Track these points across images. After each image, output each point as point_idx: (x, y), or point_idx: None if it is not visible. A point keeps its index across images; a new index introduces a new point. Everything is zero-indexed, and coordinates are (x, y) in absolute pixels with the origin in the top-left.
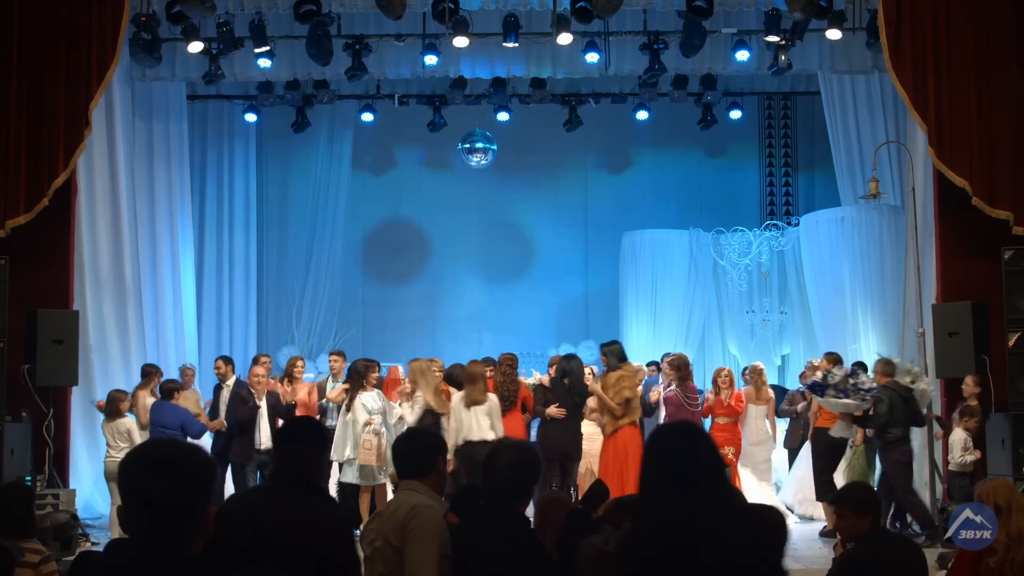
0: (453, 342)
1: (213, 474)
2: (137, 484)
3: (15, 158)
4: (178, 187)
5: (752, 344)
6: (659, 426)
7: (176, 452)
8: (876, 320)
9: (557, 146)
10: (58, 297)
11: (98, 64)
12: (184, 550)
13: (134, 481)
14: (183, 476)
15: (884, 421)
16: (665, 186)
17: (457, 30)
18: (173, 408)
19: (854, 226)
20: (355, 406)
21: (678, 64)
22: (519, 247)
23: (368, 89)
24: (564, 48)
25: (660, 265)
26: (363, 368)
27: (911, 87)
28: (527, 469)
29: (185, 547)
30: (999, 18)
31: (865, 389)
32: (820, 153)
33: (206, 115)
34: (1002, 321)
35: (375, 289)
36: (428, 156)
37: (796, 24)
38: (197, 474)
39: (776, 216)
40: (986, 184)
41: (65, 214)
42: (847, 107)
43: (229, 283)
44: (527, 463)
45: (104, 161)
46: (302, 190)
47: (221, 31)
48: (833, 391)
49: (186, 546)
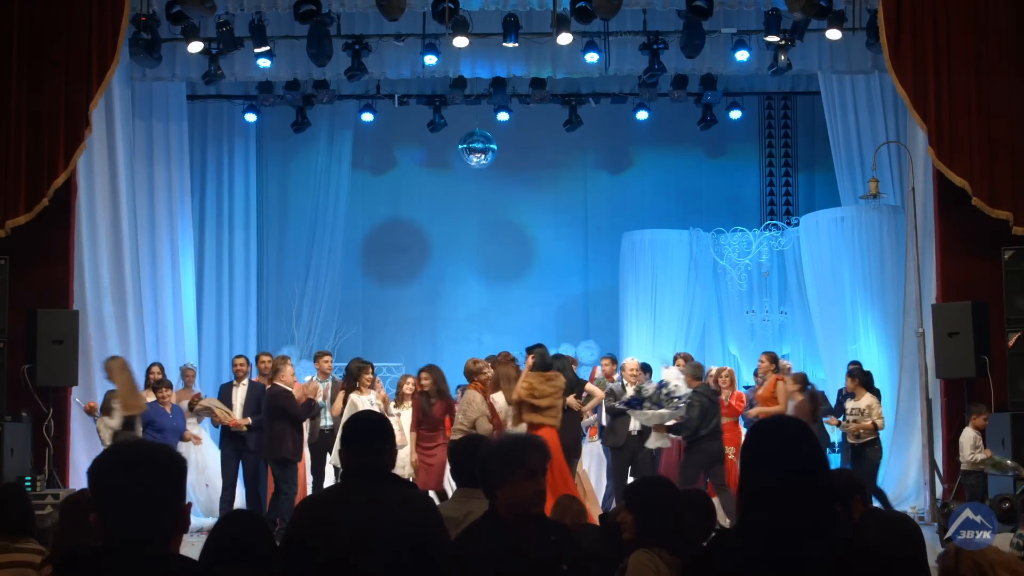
0: (453, 342)
1: (184, 470)
2: (111, 484)
3: (15, 158)
4: (178, 187)
5: (752, 344)
6: (761, 422)
7: (145, 451)
8: (876, 320)
9: (557, 146)
10: (58, 297)
11: (98, 64)
12: (165, 546)
13: (108, 482)
14: (156, 473)
15: (696, 426)
16: (665, 186)
17: (457, 30)
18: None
19: (854, 226)
20: (351, 408)
21: (678, 64)
22: (519, 247)
23: (368, 89)
24: (564, 48)
25: (660, 265)
26: (356, 369)
27: (911, 87)
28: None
29: (166, 543)
30: (999, 18)
31: (677, 396)
32: (820, 153)
33: (206, 115)
34: (1002, 321)
35: (375, 289)
36: (428, 156)
37: (796, 24)
38: (169, 470)
39: (776, 216)
40: (986, 184)
41: (65, 214)
42: (847, 107)
43: (229, 283)
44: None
45: (104, 161)
46: (302, 190)
47: (221, 31)
48: (649, 404)
49: (166, 542)
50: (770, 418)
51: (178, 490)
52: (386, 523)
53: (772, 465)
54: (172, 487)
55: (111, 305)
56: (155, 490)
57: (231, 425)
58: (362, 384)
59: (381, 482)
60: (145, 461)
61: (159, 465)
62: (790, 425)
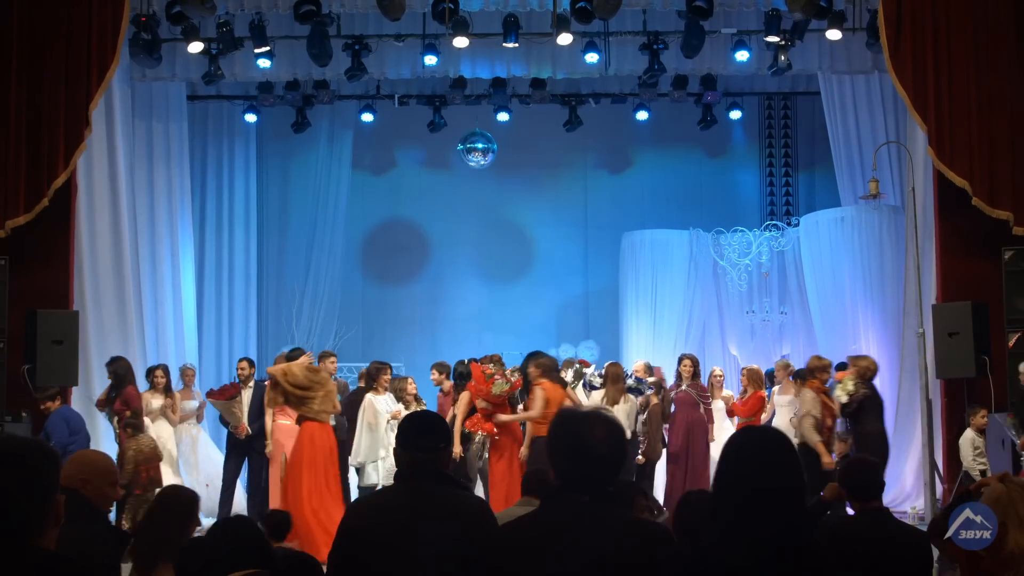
0: (453, 342)
1: (51, 465)
2: None
3: (15, 158)
4: (178, 187)
5: (752, 344)
6: (744, 430)
7: (10, 446)
8: (876, 320)
9: (557, 146)
10: (58, 297)
11: (98, 64)
12: (29, 541)
13: None
14: (17, 468)
15: None
16: (665, 186)
17: (457, 30)
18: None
19: (854, 226)
20: (370, 408)
21: (678, 64)
22: (519, 247)
23: (368, 89)
24: (564, 48)
25: (660, 265)
26: (375, 371)
27: (911, 87)
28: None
29: (31, 538)
30: (999, 18)
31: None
32: (820, 153)
33: (206, 115)
34: (1002, 321)
35: (375, 289)
36: (428, 156)
37: (796, 24)
38: (31, 465)
39: (776, 216)
40: (986, 184)
41: (65, 214)
42: (847, 107)
43: (229, 283)
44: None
45: (104, 161)
46: (302, 190)
47: (221, 31)
48: None
49: (32, 537)
50: (750, 428)
51: (44, 485)
52: (441, 533)
53: (749, 474)
54: (38, 482)
55: (111, 305)
56: (17, 485)
57: (240, 431)
58: (379, 385)
59: (436, 483)
60: (10, 455)
61: (19, 460)
62: (770, 435)
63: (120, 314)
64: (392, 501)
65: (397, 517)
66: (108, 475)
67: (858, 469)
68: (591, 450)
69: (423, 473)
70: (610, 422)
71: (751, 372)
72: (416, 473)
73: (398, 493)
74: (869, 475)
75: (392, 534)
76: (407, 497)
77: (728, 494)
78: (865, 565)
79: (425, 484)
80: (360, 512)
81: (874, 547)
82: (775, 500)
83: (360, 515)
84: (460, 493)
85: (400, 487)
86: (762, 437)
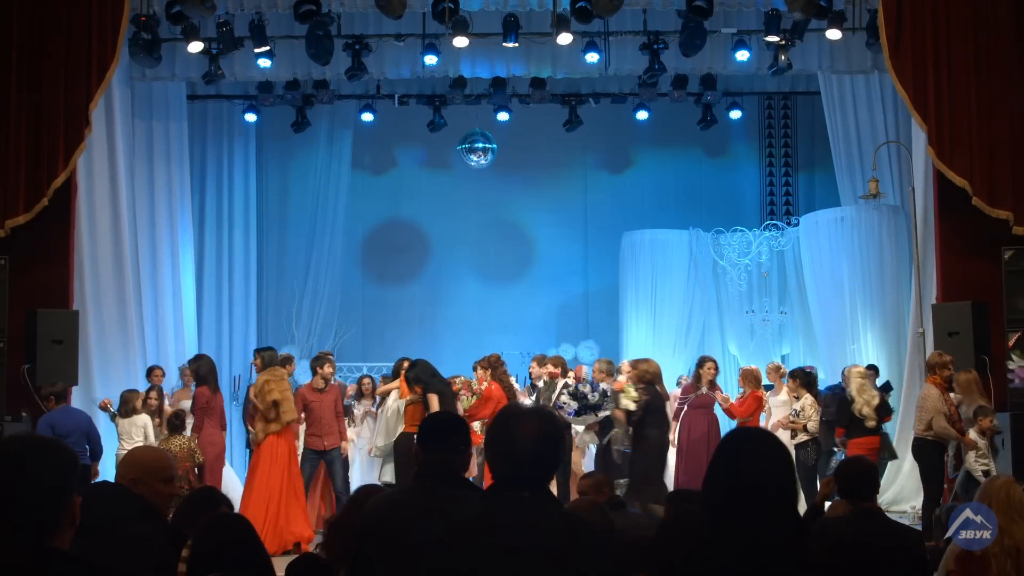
0: (453, 342)
1: (70, 464)
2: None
3: (15, 158)
4: (178, 187)
5: (752, 344)
6: (737, 431)
7: (28, 446)
8: (876, 320)
9: (557, 146)
10: (58, 297)
11: (98, 64)
12: (46, 540)
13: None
14: (39, 467)
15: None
16: (665, 186)
17: (457, 30)
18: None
19: (854, 226)
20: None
21: (678, 64)
22: (519, 247)
23: (368, 89)
24: (564, 48)
25: (660, 265)
26: (399, 369)
27: (911, 87)
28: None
29: (45, 538)
30: (999, 18)
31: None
32: (820, 153)
33: (206, 115)
34: (1002, 321)
35: (375, 289)
36: (428, 156)
37: (796, 24)
38: (51, 465)
39: (776, 216)
40: (986, 184)
41: (65, 214)
42: (847, 107)
43: (229, 283)
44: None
45: (104, 161)
46: (302, 190)
47: (221, 31)
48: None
49: (46, 537)
50: (742, 428)
51: (60, 485)
52: (455, 529)
53: (739, 474)
54: (53, 482)
55: (111, 305)
56: (40, 484)
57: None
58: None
59: (454, 486)
60: (29, 455)
61: (43, 459)
62: (761, 436)
63: (120, 314)
64: (405, 500)
65: (406, 515)
66: (160, 472)
67: (852, 470)
68: (519, 447)
69: (440, 475)
70: (543, 419)
71: (748, 372)
72: (433, 475)
73: (414, 493)
74: (863, 476)
75: (399, 531)
76: (420, 497)
77: (717, 493)
78: (858, 565)
79: (437, 485)
80: (375, 508)
81: (867, 547)
82: (764, 500)
83: (375, 511)
84: (470, 496)
85: (416, 487)
86: (754, 438)
